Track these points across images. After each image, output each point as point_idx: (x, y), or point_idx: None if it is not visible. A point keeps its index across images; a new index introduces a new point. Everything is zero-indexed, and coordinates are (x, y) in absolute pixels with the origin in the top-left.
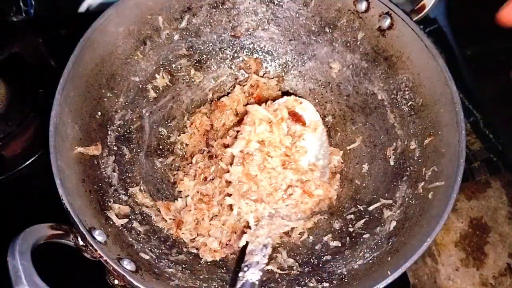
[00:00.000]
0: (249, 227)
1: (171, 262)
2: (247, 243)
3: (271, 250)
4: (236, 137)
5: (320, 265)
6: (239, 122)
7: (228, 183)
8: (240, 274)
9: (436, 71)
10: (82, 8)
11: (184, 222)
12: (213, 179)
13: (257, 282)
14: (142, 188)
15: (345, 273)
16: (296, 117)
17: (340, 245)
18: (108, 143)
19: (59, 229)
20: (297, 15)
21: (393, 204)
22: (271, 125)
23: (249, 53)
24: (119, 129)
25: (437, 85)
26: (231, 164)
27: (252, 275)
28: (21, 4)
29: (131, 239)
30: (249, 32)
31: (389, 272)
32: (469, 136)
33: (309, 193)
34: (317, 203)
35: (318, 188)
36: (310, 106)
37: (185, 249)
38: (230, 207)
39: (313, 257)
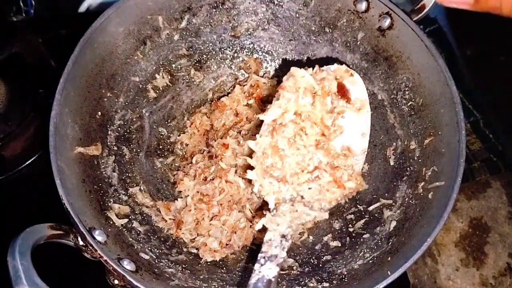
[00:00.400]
0: (269, 210)
1: (171, 262)
2: (264, 229)
3: (290, 242)
4: (266, 108)
5: (320, 265)
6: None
7: (250, 153)
8: (256, 267)
9: (436, 71)
10: (82, 8)
11: (184, 222)
12: (213, 179)
13: (273, 279)
14: (142, 188)
15: (345, 273)
16: (342, 91)
17: (340, 245)
18: (108, 143)
19: (59, 229)
20: (297, 15)
21: (393, 204)
22: (314, 96)
23: (249, 53)
24: (119, 129)
25: (437, 85)
26: (254, 135)
27: (269, 270)
28: (21, 4)
29: (131, 239)
30: (249, 32)
31: (389, 272)
32: (469, 136)
33: (340, 184)
34: (345, 195)
35: (351, 180)
36: (361, 81)
37: (185, 249)
38: (230, 207)
39: (313, 257)
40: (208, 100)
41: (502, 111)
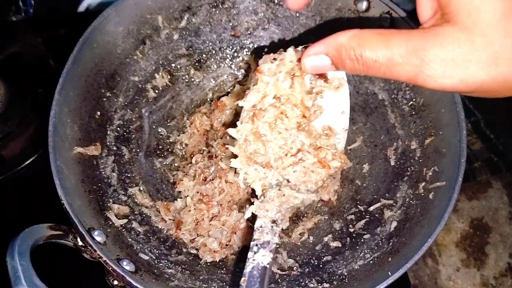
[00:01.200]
0: (256, 197)
1: (171, 262)
2: (254, 217)
3: (281, 227)
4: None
5: (321, 265)
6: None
7: (232, 140)
8: (250, 255)
9: None
10: (82, 7)
11: (184, 223)
12: (213, 179)
13: (268, 266)
14: (141, 188)
15: (346, 273)
16: None
17: (340, 245)
18: (108, 143)
19: (58, 229)
20: (297, 14)
21: (394, 204)
22: (292, 78)
23: (249, 53)
24: (118, 129)
25: None
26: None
27: (263, 257)
28: (21, 3)
29: (130, 239)
30: (249, 32)
31: (389, 273)
32: (470, 136)
33: (325, 164)
34: (330, 175)
35: (335, 159)
36: None
37: (184, 250)
38: (230, 208)
39: (314, 258)
40: (208, 100)
41: (503, 111)
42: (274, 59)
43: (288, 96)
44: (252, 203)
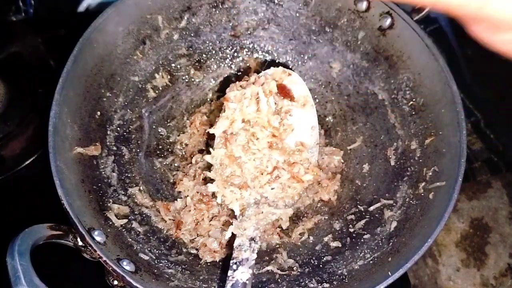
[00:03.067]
0: (235, 217)
1: (171, 262)
2: (234, 236)
3: (259, 244)
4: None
5: (321, 265)
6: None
7: (209, 166)
8: (230, 273)
9: (437, 70)
10: (82, 7)
11: (184, 223)
12: (212, 180)
13: (247, 282)
14: (141, 189)
15: (346, 273)
16: (284, 91)
17: (340, 245)
18: (108, 143)
19: (58, 229)
20: (297, 14)
21: (394, 204)
22: (257, 101)
23: (249, 53)
24: (118, 129)
25: (438, 85)
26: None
27: (242, 274)
28: (20, 3)
29: (130, 239)
30: (249, 32)
31: (389, 273)
32: (470, 136)
33: (298, 179)
34: (305, 188)
35: (308, 173)
36: (299, 79)
37: (184, 250)
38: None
39: (314, 258)
40: (208, 100)
41: (503, 111)
42: (241, 86)
43: (255, 119)
44: (231, 223)
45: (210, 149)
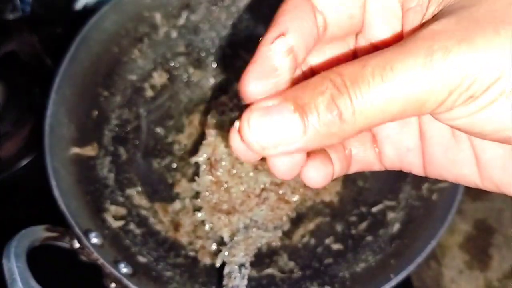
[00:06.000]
0: (224, 244)
1: (169, 265)
2: (223, 263)
3: (249, 269)
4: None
5: (322, 268)
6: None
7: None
8: None
9: None
10: (79, 5)
11: (182, 225)
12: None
13: None
14: (139, 190)
15: (348, 276)
16: None
17: (342, 248)
18: (105, 143)
19: (54, 231)
20: None
21: (397, 205)
22: None
23: (248, 52)
24: (115, 129)
25: None
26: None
27: None
28: (18, 1)
29: (128, 241)
30: (249, 30)
31: (392, 275)
32: None
33: (286, 200)
34: (294, 208)
35: (294, 193)
36: None
37: (183, 252)
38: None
39: (315, 260)
40: (207, 99)
41: None
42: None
43: None
44: (220, 251)
45: (195, 178)
